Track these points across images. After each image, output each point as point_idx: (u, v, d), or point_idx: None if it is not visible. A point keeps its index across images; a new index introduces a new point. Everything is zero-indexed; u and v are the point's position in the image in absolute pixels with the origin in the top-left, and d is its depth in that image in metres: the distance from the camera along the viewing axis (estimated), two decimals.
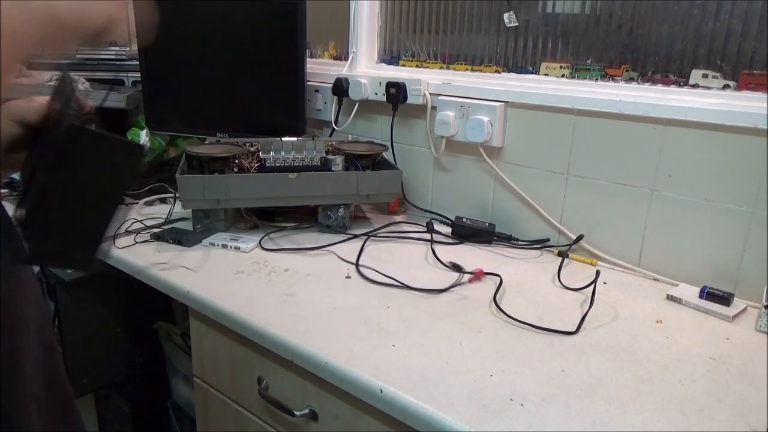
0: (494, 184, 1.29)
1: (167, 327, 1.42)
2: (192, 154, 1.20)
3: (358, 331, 0.83)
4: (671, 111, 1.01)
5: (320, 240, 1.18)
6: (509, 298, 0.97)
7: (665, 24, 1.08)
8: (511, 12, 1.28)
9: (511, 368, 0.75)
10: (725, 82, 1.03)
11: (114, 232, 1.14)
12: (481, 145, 1.26)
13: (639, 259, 1.11)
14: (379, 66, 1.53)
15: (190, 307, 0.96)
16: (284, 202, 1.20)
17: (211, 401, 1.02)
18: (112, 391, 1.49)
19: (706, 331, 0.89)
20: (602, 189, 1.13)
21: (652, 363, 0.78)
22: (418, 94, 1.33)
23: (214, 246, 1.13)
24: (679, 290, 1.01)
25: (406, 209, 1.44)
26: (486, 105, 1.23)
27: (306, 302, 0.91)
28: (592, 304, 0.94)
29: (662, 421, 0.66)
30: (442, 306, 0.92)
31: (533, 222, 1.24)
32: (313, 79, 1.56)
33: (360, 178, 1.20)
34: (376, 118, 1.48)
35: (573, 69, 1.21)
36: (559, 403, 0.68)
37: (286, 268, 1.04)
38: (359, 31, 1.50)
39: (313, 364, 0.77)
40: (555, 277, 1.06)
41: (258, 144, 1.29)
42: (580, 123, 1.14)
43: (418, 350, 0.78)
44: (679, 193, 1.04)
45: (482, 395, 0.69)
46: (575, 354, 0.80)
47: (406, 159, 1.43)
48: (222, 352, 0.96)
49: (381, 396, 0.70)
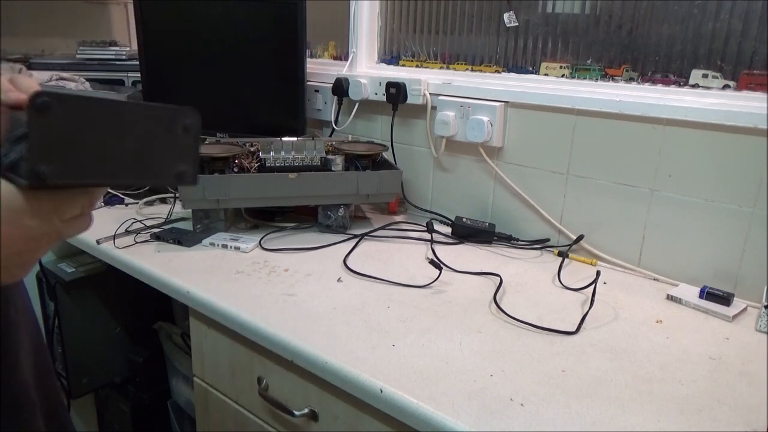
0: (494, 184, 1.29)
1: (167, 327, 1.42)
2: None
3: (358, 331, 0.83)
4: (671, 111, 1.01)
5: (320, 240, 1.18)
6: (509, 298, 0.97)
7: (665, 24, 1.08)
8: (511, 12, 1.28)
9: (511, 368, 0.75)
10: (725, 82, 1.03)
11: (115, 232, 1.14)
12: (481, 145, 1.26)
13: (639, 259, 1.11)
14: (379, 66, 1.53)
15: (190, 307, 0.96)
16: (284, 202, 1.20)
17: (211, 401, 1.02)
18: (112, 391, 1.49)
19: (706, 331, 0.89)
20: (602, 189, 1.13)
21: (652, 363, 0.78)
22: (418, 94, 1.33)
23: (214, 246, 1.13)
24: (679, 290, 1.01)
25: (406, 209, 1.44)
26: (486, 105, 1.23)
27: (306, 302, 0.91)
28: (592, 304, 0.94)
29: (662, 421, 0.66)
30: (442, 306, 0.92)
31: (533, 222, 1.24)
32: (313, 79, 1.56)
33: (360, 178, 1.20)
34: (376, 118, 1.48)
35: (573, 69, 1.21)
36: (559, 403, 0.68)
37: (286, 268, 1.04)
38: (359, 31, 1.50)
39: (313, 364, 0.77)
40: (555, 277, 1.06)
41: (258, 144, 1.29)
42: (580, 123, 1.14)
43: (418, 350, 0.78)
44: (679, 193, 1.04)
45: (482, 395, 0.69)
46: (575, 354, 0.80)
47: (406, 159, 1.43)
48: (222, 352, 0.96)
49: (381, 396, 0.70)
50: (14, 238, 0.43)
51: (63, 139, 0.44)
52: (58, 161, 0.43)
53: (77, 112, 0.44)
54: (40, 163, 0.42)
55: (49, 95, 0.42)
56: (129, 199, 1.38)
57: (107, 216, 1.28)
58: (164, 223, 1.24)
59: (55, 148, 0.43)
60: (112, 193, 1.38)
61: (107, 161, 0.47)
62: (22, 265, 0.46)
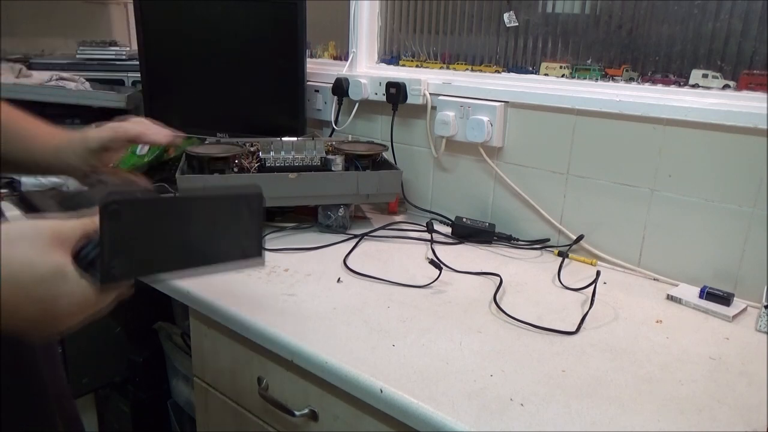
0: (494, 184, 1.29)
1: (167, 327, 1.42)
2: (192, 154, 1.20)
3: (358, 331, 0.83)
4: (671, 111, 1.01)
5: (320, 240, 1.18)
6: (509, 298, 0.97)
7: (665, 24, 1.08)
8: (511, 12, 1.28)
9: (511, 368, 0.75)
10: (725, 82, 1.03)
11: None
12: (481, 145, 1.26)
13: (639, 259, 1.11)
14: (379, 66, 1.53)
15: (190, 307, 0.96)
16: (284, 202, 1.20)
17: (211, 401, 1.02)
18: (112, 391, 1.49)
19: (706, 331, 0.89)
20: (602, 189, 1.13)
21: (652, 363, 0.78)
22: (418, 94, 1.33)
23: None
24: (679, 290, 1.01)
25: (406, 209, 1.44)
26: (486, 105, 1.23)
27: (306, 302, 0.91)
28: (592, 304, 0.94)
29: (662, 421, 0.66)
30: (442, 306, 0.92)
31: (533, 222, 1.24)
32: (313, 79, 1.56)
33: (360, 178, 1.20)
34: (376, 118, 1.48)
35: (573, 69, 1.21)
36: (559, 403, 0.68)
37: (286, 268, 1.04)
38: (359, 31, 1.50)
39: (313, 364, 0.77)
40: (555, 277, 1.06)
41: (258, 144, 1.29)
42: (580, 123, 1.14)
43: (418, 350, 0.78)
44: (679, 193, 1.04)
45: (482, 395, 0.69)
46: (575, 354, 0.80)
47: (406, 159, 1.43)
48: (222, 352, 0.96)
49: (381, 396, 0.70)
50: (76, 320, 0.48)
51: (132, 240, 0.47)
52: (127, 260, 0.47)
53: (145, 213, 0.48)
54: (111, 264, 0.46)
55: (119, 202, 0.46)
56: None
57: None
58: None
59: (124, 248, 0.47)
60: None
61: (174, 252, 0.51)
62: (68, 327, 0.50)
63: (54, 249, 0.46)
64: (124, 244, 0.47)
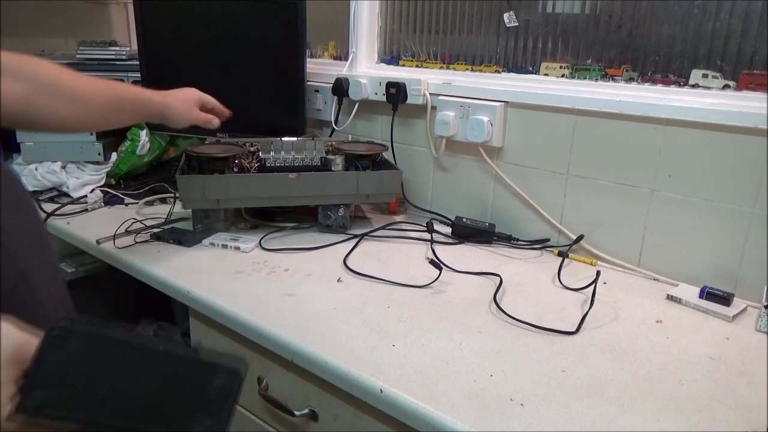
0: (494, 184, 1.29)
1: (167, 327, 1.42)
2: (192, 154, 1.20)
3: (358, 331, 0.83)
4: (671, 111, 1.01)
5: (320, 240, 1.18)
6: (509, 298, 0.97)
7: (665, 24, 1.08)
8: (511, 12, 1.28)
9: (511, 368, 0.75)
10: (725, 82, 1.03)
11: (115, 233, 1.14)
12: (481, 145, 1.26)
13: (639, 259, 1.11)
14: (379, 66, 1.53)
15: (190, 307, 0.96)
16: (284, 202, 1.20)
17: None
18: None
19: (706, 331, 0.89)
20: (602, 189, 1.13)
21: (652, 363, 0.78)
22: (418, 94, 1.33)
23: (214, 246, 1.13)
24: (679, 290, 1.01)
25: (406, 209, 1.44)
26: (486, 105, 1.23)
27: (306, 302, 0.91)
28: (592, 304, 0.94)
29: (662, 421, 0.66)
30: (442, 306, 0.92)
31: (533, 222, 1.24)
32: (313, 79, 1.56)
33: (360, 178, 1.20)
34: (376, 118, 1.48)
35: (573, 69, 1.21)
36: (559, 403, 0.68)
37: (286, 268, 1.04)
38: (359, 31, 1.50)
39: (313, 364, 0.77)
40: (555, 277, 1.06)
41: (258, 144, 1.29)
42: (580, 123, 1.14)
43: (418, 350, 0.78)
44: (679, 193, 1.04)
45: (482, 395, 0.69)
46: (575, 354, 0.80)
47: (406, 159, 1.43)
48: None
49: (381, 396, 0.70)
50: None
51: (68, 375, 0.42)
52: (52, 395, 0.42)
53: (94, 350, 0.43)
54: (32, 395, 0.41)
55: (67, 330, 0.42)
56: (129, 199, 1.38)
57: (107, 216, 1.28)
58: (164, 223, 1.24)
59: (56, 382, 0.42)
60: (111, 193, 1.38)
61: (111, 403, 0.44)
62: None
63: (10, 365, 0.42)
64: (56, 377, 0.42)
